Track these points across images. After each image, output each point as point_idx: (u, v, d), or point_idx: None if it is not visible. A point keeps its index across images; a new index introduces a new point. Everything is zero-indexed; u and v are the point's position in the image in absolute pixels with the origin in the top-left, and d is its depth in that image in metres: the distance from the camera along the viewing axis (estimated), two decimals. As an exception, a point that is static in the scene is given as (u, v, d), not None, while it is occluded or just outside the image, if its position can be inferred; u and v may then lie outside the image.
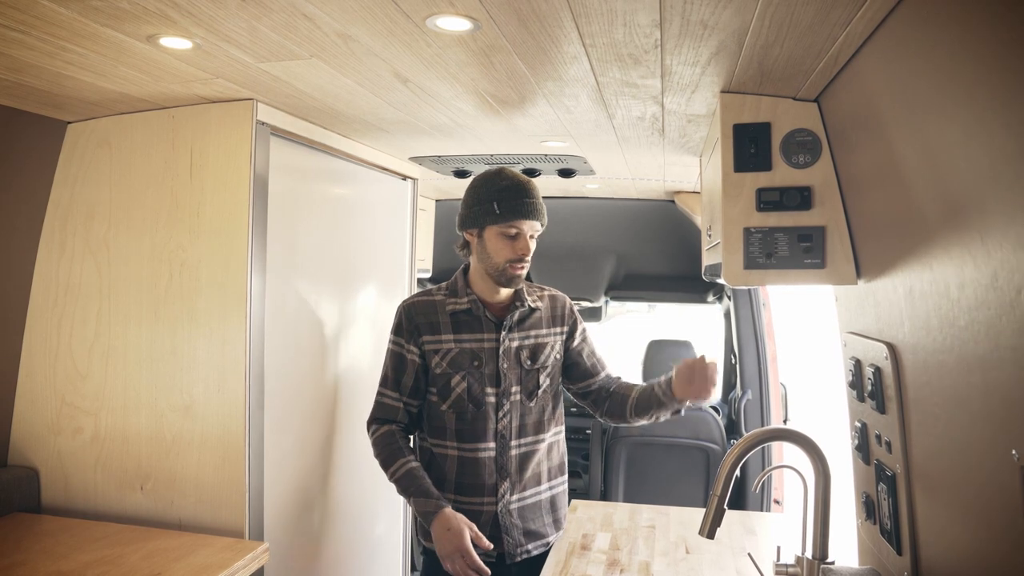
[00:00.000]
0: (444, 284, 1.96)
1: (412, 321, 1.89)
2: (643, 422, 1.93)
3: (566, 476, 2.03)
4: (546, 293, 2.01)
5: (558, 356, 1.97)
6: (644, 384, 1.95)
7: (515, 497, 1.88)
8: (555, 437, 1.99)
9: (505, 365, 1.88)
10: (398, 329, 1.92)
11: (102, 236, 1.87)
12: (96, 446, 1.85)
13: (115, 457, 1.84)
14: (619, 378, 2.05)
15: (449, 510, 1.75)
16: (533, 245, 1.87)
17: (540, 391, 1.92)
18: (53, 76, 1.51)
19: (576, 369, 2.00)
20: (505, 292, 1.92)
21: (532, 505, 1.91)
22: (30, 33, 1.26)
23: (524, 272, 1.86)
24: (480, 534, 1.73)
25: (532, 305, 1.93)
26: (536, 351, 1.92)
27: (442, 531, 1.72)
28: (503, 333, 1.89)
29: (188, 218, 1.80)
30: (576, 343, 2.00)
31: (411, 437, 1.99)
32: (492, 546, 1.75)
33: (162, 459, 1.81)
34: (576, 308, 2.05)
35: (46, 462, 1.89)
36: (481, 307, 1.89)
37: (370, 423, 1.94)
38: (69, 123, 1.90)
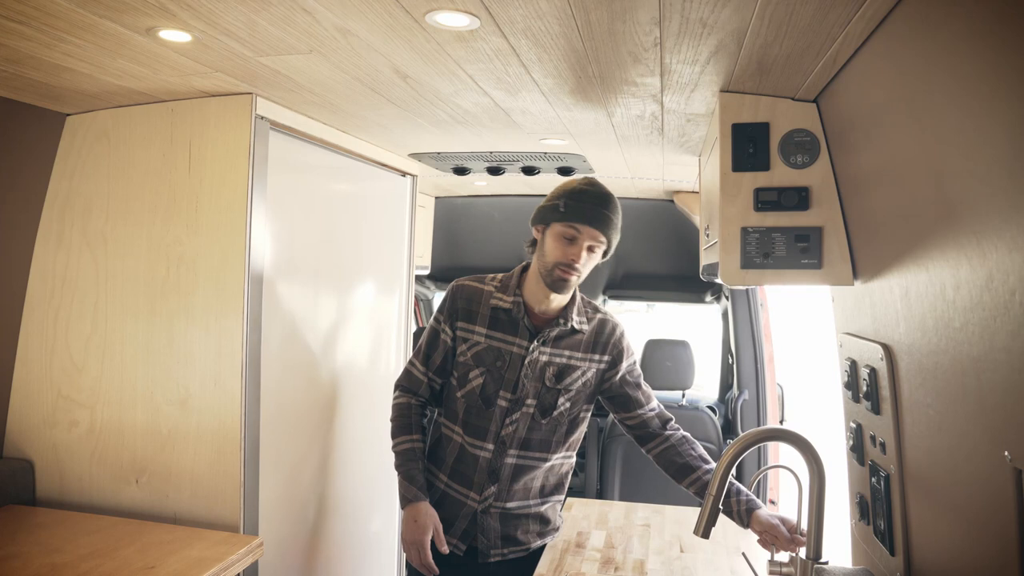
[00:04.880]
0: (501, 275, 1.92)
1: (455, 304, 1.90)
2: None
3: (564, 494, 2.00)
4: (597, 316, 1.92)
5: (589, 382, 1.88)
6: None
7: (500, 504, 1.87)
8: (562, 460, 1.94)
9: (526, 375, 1.83)
10: (442, 307, 1.93)
11: (100, 229, 1.87)
12: (92, 439, 1.85)
13: (110, 450, 1.84)
14: (678, 429, 1.92)
15: (424, 504, 1.83)
16: (591, 258, 1.78)
17: (555, 412, 1.86)
18: (51, 68, 1.51)
19: (618, 400, 1.92)
20: (554, 303, 1.84)
21: (518, 516, 1.89)
22: (28, 24, 1.25)
23: (572, 280, 1.77)
24: (442, 537, 1.81)
25: (576, 326, 1.86)
26: (563, 372, 1.85)
27: (410, 520, 1.82)
28: (535, 344, 1.83)
29: (186, 212, 1.79)
30: (620, 375, 1.90)
31: (427, 412, 2.02)
32: (448, 550, 1.82)
33: (157, 453, 1.81)
34: (625, 338, 1.94)
35: (41, 455, 1.89)
36: (523, 310, 1.84)
37: (396, 386, 2.00)
38: (68, 115, 1.90)
